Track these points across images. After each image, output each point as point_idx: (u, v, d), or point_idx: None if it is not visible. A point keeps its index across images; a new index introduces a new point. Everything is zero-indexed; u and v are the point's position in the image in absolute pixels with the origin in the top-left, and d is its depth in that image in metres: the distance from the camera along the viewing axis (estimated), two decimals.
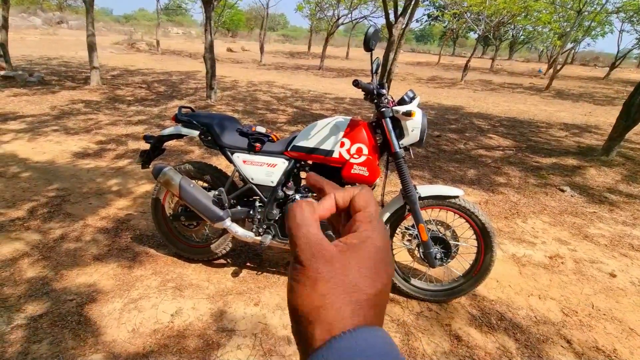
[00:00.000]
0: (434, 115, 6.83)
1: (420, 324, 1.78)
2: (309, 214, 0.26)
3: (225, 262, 2.15)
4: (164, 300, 1.80)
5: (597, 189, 3.61)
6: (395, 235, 1.95)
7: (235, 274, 2.04)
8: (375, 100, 1.67)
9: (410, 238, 1.92)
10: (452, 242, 1.83)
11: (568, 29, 13.66)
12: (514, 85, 14.05)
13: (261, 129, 1.87)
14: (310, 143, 1.74)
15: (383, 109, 1.66)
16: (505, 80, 15.71)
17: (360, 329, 0.22)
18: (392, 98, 1.72)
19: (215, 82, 6.11)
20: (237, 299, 1.84)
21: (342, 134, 1.69)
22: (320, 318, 0.22)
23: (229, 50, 22.64)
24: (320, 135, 1.73)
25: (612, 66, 18.97)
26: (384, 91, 1.62)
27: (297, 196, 1.78)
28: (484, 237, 1.77)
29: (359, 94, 4.97)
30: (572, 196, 3.39)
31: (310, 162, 1.83)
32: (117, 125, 4.78)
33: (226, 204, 1.82)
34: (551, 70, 15.17)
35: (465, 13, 14.31)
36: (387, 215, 1.85)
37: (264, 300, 1.83)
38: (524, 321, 1.85)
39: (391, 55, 4.76)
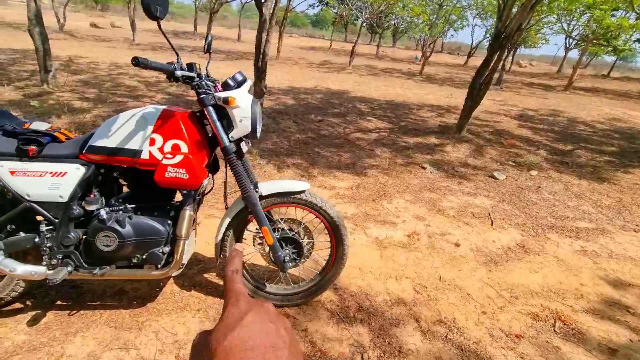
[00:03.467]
0: (319, 100, 6.86)
1: None
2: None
3: (21, 306, 1.61)
4: None
5: (450, 164, 4.06)
6: (244, 240, 1.72)
7: (33, 322, 1.53)
8: (195, 84, 1.37)
9: (261, 241, 1.71)
10: (305, 240, 1.69)
11: (435, 21, 15.50)
12: (394, 70, 15.36)
13: (40, 125, 1.37)
14: (111, 142, 1.34)
15: (202, 96, 1.37)
16: (387, 66, 17.08)
17: None
18: (214, 82, 1.44)
19: (52, 63, 4.87)
20: (27, 359, 1.36)
21: (151, 128, 1.34)
22: None
23: (93, 25, 19.07)
24: (124, 131, 1.35)
25: (469, 54, 22.47)
26: (194, 73, 1.31)
27: (103, 212, 1.37)
28: (334, 231, 1.68)
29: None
30: (431, 172, 3.72)
31: (118, 166, 1.43)
32: None
33: None
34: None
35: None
36: (227, 220, 1.60)
37: (70, 352, 1.40)
38: (380, 307, 1.85)
39: (264, 36, 4.46)
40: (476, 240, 2.58)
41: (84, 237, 1.41)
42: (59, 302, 1.64)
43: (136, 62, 1.06)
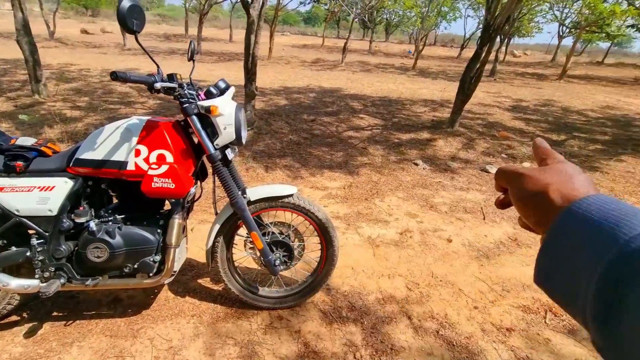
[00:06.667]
0: (312, 99, 6.86)
1: (267, 338, 1.63)
2: None
3: (18, 318, 1.63)
4: None
5: (443, 159, 4.09)
6: (234, 245, 1.74)
7: (30, 333, 1.55)
8: (177, 94, 1.38)
9: (252, 246, 1.73)
10: (295, 243, 1.72)
11: (427, 13, 15.46)
12: (387, 65, 15.34)
13: (26, 141, 1.39)
14: (97, 154, 1.36)
15: (185, 105, 1.38)
16: (380, 61, 17.06)
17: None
18: (197, 90, 1.45)
19: (42, 73, 4.86)
20: None
21: (135, 139, 1.36)
22: (558, 190, 0.33)
23: (84, 32, 18.97)
24: (109, 143, 1.36)
25: (462, 47, 22.43)
26: (175, 84, 1.33)
27: (93, 224, 1.38)
28: (323, 233, 1.70)
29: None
30: (423, 169, 3.75)
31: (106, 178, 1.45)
32: None
33: None
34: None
35: None
36: (217, 226, 1.62)
37: None
38: (373, 305, 1.88)
39: (252, 38, 4.46)
40: (468, 235, 2.60)
41: (75, 249, 1.43)
42: (55, 313, 1.67)
43: (115, 76, 1.07)
